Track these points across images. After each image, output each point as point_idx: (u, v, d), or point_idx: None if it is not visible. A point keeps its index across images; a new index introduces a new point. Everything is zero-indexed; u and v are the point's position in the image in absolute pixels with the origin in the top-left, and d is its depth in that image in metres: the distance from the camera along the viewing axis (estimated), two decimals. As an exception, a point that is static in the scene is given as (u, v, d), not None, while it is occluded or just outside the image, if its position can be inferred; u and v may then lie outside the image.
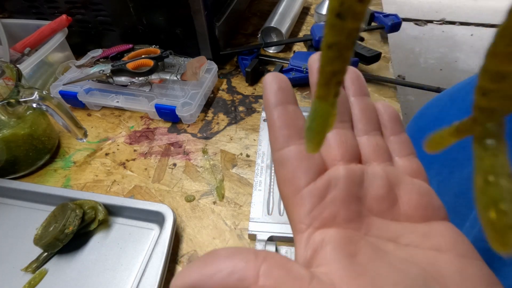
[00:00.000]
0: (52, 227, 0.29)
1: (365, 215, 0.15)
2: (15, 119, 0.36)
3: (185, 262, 0.31)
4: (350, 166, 0.16)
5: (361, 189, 0.15)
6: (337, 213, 0.14)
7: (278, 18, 0.55)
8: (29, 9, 0.52)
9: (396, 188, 0.16)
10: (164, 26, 0.48)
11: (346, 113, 0.18)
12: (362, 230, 0.14)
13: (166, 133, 0.43)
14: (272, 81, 0.16)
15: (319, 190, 0.15)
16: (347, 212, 0.14)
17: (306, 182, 0.15)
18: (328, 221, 0.14)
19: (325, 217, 0.14)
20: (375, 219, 0.15)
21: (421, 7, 2.10)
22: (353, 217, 0.14)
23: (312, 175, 0.15)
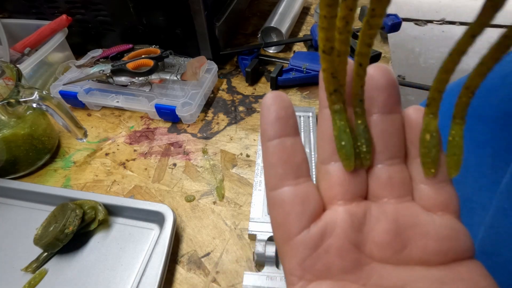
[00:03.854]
0: (52, 227, 0.29)
1: (364, 263, 0.13)
2: (15, 119, 0.36)
3: (185, 262, 0.31)
4: (351, 207, 0.14)
5: (360, 235, 0.14)
6: (331, 264, 0.13)
7: (278, 18, 0.55)
8: (29, 9, 0.52)
9: (408, 231, 0.14)
10: (164, 26, 0.48)
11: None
12: (361, 280, 0.13)
13: (166, 133, 0.43)
14: (271, 107, 0.14)
15: (313, 238, 0.13)
16: (343, 263, 0.13)
17: (299, 229, 0.14)
18: (322, 273, 0.13)
19: (318, 269, 0.13)
20: (377, 266, 0.13)
21: (421, 7, 2.10)
22: (350, 268, 0.13)
23: (306, 221, 0.14)
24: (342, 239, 0.13)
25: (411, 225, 0.14)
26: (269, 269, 0.28)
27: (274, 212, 0.14)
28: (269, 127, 0.14)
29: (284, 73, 0.48)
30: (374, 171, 0.15)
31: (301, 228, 0.14)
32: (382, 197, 0.14)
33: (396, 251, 0.13)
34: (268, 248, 0.29)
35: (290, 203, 0.14)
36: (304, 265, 0.13)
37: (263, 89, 0.49)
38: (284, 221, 0.14)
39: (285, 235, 0.14)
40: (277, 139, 0.14)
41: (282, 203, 0.14)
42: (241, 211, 0.34)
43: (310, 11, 0.66)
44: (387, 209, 0.14)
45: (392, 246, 0.13)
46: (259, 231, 0.31)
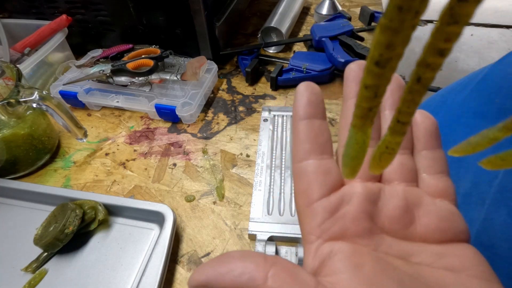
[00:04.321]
0: (52, 227, 0.29)
1: (376, 232, 0.15)
2: (15, 119, 0.36)
3: (185, 262, 0.31)
4: (367, 184, 0.16)
5: (375, 208, 0.15)
6: (347, 228, 0.15)
7: (278, 18, 0.55)
8: (29, 9, 0.52)
9: (414, 209, 0.15)
10: (164, 26, 0.48)
11: (374, 129, 0.17)
12: (371, 246, 0.14)
13: (166, 133, 0.43)
14: (304, 93, 0.17)
15: (332, 205, 0.15)
16: (357, 228, 0.15)
17: (320, 196, 0.15)
18: (338, 234, 0.14)
19: (334, 230, 0.15)
20: (386, 237, 0.15)
21: (421, 7, 2.09)
22: (363, 234, 0.15)
23: (327, 190, 0.15)
24: (357, 208, 0.15)
25: (417, 205, 0.15)
26: (269, 269, 0.28)
27: (298, 181, 0.16)
28: (301, 108, 0.16)
29: (284, 73, 0.48)
30: None
31: (322, 195, 0.15)
32: (393, 180, 0.16)
33: (404, 225, 0.15)
34: (268, 248, 0.29)
35: (313, 172, 0.15)
36: (322, 227, 0.15)
37: (263, 89, 0.49)
38: (306, 188, 0.15)
39: (307, 200, 0.15)
40: (307, 119, 0.16)
41: (306, 173, 0.16)
42: (241, 211, 0.34)
43: (310, 11, 0.66)
44: (398, 189, 0.16)
45: (401, 220, 0.15)
46: (259, 231, 0.31)
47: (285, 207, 0.32)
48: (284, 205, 0.33)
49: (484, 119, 0.28)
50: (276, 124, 0.41)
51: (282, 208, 0.32)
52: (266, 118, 0.42)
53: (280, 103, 0.46)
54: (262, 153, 0.38)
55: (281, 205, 0.33)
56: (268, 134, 0.40)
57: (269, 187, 0.34)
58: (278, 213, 0.32)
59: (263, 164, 0.36)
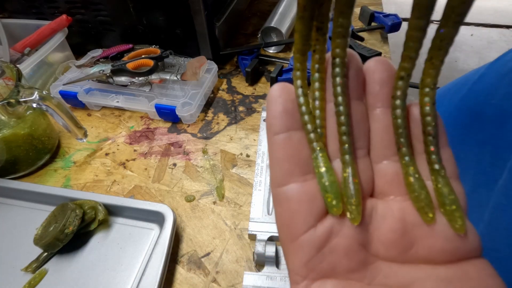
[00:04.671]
0: (52, 227, 0.29)
1: (369, 262, 0.13)
2: (15, 119, 0.36)
3: (185, 262, 0.31)
4: None
5: (367, 234, 0.13)
6: (337, 264, 0.13)
7: (278, 18, 0.55)
8: (29, 9, 0.52)
9: (414, 230, 0.13)
10: (164, 26, 0.48)
11: (359, 137, 0.14)
12: (366, 279, 0.13)
13: (166, 133, 0.43)
14: (278, 99, 0.14)
15: (319, 238, 0.13)
16: (350, 263, 0.13)
17: (305, 229, 0.13)
18: (327, 272, 0.13)
19: (323, 268, 0.13)
20: (382, 265, 0.13)
21: (421, 7, 2.09)
22: (356, 267, 0.13)
23: (313, 220, 0.13)
24: (350, 239, 0.13)
25: (417, 224, 0.13)
26: (269, 269, 0.28)
27: (280, 209, 0.14)
28: (276, 120, 0.14)
29: (284, 73, 0.48)
30: (380, 167, 0.14)
31: (308, 227, 0.13)
32: (388, 194, 0.14)
33: (402, 250, 0.13)
34: (268, 248, 0.29)
35: (296, 201, 0.13)
36: (309, 265, 0.13)
37: (263, 89, 0.49)
38: (290, 220, 0.13)
39: (291, 235, 0.13)
40: (284, 133, 0.14)
41: (288, 201, 0.13)
42: (241, 211, 0.34)
43: (310, 11, 0.66)
44: (394, 207, 0.14)
45: (398, 245, 0.13)
46: (259, 231, 0.31)
47: (285, 207, 0.32)
48: (284, 205, 0.33)
49: (480, 119, 0.28)
50: (276, 124, 0.41)
51: (282, 208, 0.32)
52: (267, 145, 0.42)
53: (280, 103, 0.46)
54: (262, 153, 0.38)
55: (281, 205, 0.33)
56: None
57: (269, 187, 0.34)
58: (278, 213, 0.32)
59: (263, 164, 0.36)
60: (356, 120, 0.14)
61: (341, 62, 0.14)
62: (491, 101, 0.27)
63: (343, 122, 0.14)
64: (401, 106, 0.14)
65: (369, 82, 0.14)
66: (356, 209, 0.13)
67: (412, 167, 0.14)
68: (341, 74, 0.14)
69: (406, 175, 0.14)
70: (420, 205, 0.13)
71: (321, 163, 0.14)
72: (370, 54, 0.46)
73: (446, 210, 0.13)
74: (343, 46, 0.14)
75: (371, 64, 0.15)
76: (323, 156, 0.14)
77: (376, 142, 0.14)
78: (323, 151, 0.14)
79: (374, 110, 0.14)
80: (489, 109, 0.27)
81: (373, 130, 0.15)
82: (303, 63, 0.15)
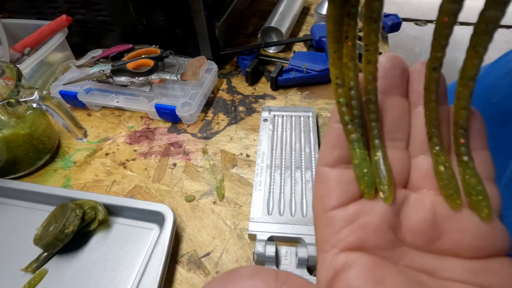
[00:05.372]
0: (52, 227, 0.29)
1: (397, 245, 0.14)
2: (15, 119, 0.36)
3: (185, 262, 0.31)
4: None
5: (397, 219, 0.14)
6: (366, 239, 0.13)
7: (278, 18, 0.55)
8: (29, 9, 0.52)
9: (443, 223, 0.14)
10: (164, 26, 0.48)
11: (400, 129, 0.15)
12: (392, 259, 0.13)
13: (166, 133, 0.43)
14: None
15: (350, 214, 0.14)
16: (378, 241, 0.13)
17: (337, 205, 0.14)
18: (356, 245, 0.13)
19: (352, 241, 0.13)
20: (408, 250, 0.14)
21: (421, 7, 2.10)
22: (384, 246, 0.13)
23: (346, 200, 0.14)
24: (380, 218, 0.14)
25: (448, 217, 0.14)
26: (269, 269, 0.28)
27: (319, 185, 0.15)
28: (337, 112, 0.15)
29: (284, 73, 0.48)
30: (416, 161, 0.15)
31: (340, 204, 0.14)
32: (421, 188, 0.15)
33: (430, 240, 0.14)
34: (268, 248, 0.29)
35: (335, 181, 0.15)
36: (338, 236, 0.14)
37: (263, 89, 0.49)
38: (325, 195, 0.15)
39: (324, 207, 0.14)
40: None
41: (329, 180, 0.15)
42: (241, 211, 0.34)
43: (310, 11, 0.66)
44: (426, 199, 0.14)
45: (426, 234, 0.14)
46: (259, 231, 0.31)
47: (285, 207, 0.32)
48: (284, 205, 0.33)
49: None
50: (276, 124, 0.41)
51: (282, 208, 0.32)
52: (266, 118, 0.42)
53: (280, 103, 0.46)
54: (262, 153, 0.38)
55: (281, 205, 0.33)
56: (268, 134, 0.40)
57: (269, 187, 0.34)
58: (278, 213, 0.32)
59: (263, 164, 0.36)
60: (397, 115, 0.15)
61: (374, 49, 0.14)
62: (492, 100, 0.27)
63: (372, 109, 0.15)
64: (434, 99, 0.14)
65: (413, 82, 0.15)
66: (388, 188, 0.14)
67: (443, 157, 0.14)
68: (373, 61, 0.14)
69: (436, 164, 0.14)
70: (449, 192, 0.14)
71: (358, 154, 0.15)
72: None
73: (472, 200, 0.13)
74: (376, 32, 0.14)
75: (417, 65, 0.16)
76: (359, 147, 0.15)
77: (415, 137, 0.15)
78: (360, 142, 0.15)
79: (416, 107, 0.15)
80: (490, 109, 0.27)
81: (414, 126, 0.15)
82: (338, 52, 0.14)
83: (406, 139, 0.15)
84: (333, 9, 0.13)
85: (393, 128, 0.15)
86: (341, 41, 0.14)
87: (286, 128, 0.40)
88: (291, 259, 0.29)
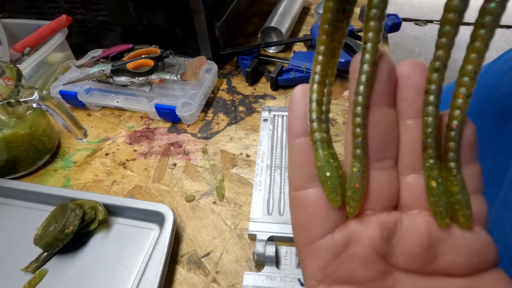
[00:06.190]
0: (52, 227, 0.29)
1: (389, 272, 0.13)
2: (15, 119, 0.36)
3: (185, 262, 0.31)
4: (381, 217, 0.13)
5: (389, 245, 0.13)
6: (355, 272, 0.13)
7: (278, 18, 0.55)
8: (29, 9, 0.52)
9: (438, 245, 0.13)
10: (164, 26, 0.48)
11: (388, 146, 0.14)
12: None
13: (166, 133, 0.43)
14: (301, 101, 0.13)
15: (336, 245, 0.13)
16: (368, 272, 0.13)
17: (323, 234, 0.13)
18: (344, 279, 0.13)
19: (340, 275, 0.13)
20: (401, 275, 0.13)
21: (421, 7, 2.10)
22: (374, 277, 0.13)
23: (331, 226, 0.13)
24: (369, 248, 0.13)
25: (442, 239, 0.13)
26: (269, 269, 0.28)
27: (297, 213, 0.14)
28: (297, 122, 0.13)
29: (284, 73, 0.48)
30: (407, 180, 0.14)
31: (325, 232, 0.13)
32: (413, 208, 0.14)
33: (424, 264, 0.13)
34: (268, 248, 0.29)
35: (315, 206, 0.13)
36: (325, 270, 0.13)
37: (263, 89, 0.49)
38: (307, 224, 0.13)
39: (307, 238, 0.13)
40: (306, 136, 0.13)
41: (306, 205, 0.13)
42: (241, 211, 0.34)
43: (310, 11, 0.66)
44: (419, 221, 0.13)
45: (421, 259, 0.13)
46: (259, 231, 0.31)
47: (285, 207, 0.32)
48: (284, 205, 0.33)
49: (480, 118, 0.28)
50: (276, 124, 0.41)
51: (282, 208, 0.32)
52: (266, 118, 0.42)
53: (280, 103, 0.46)
54: (262, 153, 0.38)
55: (281, 205, 0.33)
56: (268, 134, 0.40)
57: (269, 187, 0.34)
58: (278, 213, 0.32)
59: (263, 164, 0.36)
60: (386, 129, 0.13)
61: (372, 48, 0.13)
62: (491, 99, 0.27)
63: (359, 113, 0.13)
64: (434, 102, 0.13)
65: (402, 88, 0.13)
66: (354, 204, 0.13)
67: (436, 171, 0.13)
68: (370, 62, 0.13)
69: (428, 178, 0.13)
70: (438, 209, 0.13)
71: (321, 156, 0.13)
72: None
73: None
74: (378, 31, 0.13)
75: (405, 67, 0.13)
76: (322, 147, 0.13)
77: (406, 153, 0.13)
78: (323, 143, 0.13)
79: (406, 119, 0.13)
80: (490, 108, 0.27)
81: (404, 141, 0.13)
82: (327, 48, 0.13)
83: (394, 156, 0.14)
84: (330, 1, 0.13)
85: (381, 146, 0.13)
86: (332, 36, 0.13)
87: (286, 128, 0.40)
88: (291, 259, 0.29)
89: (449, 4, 0.12)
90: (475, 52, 0.12)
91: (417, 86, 0.13)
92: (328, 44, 0.13)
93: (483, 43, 0.12)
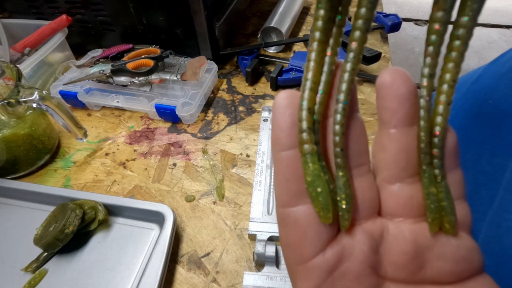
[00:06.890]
0: (52, 227, 0.29)
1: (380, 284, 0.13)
2: (15, 119, 0.36)
3: (185, 262, 0.31)
4: (366, 226, 0.13)
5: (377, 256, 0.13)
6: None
7: (278, 18, 0.55)
8: (29, 9, 0.52)
9: (425, 253, 0.13)
10: (164, 26, 0.48)
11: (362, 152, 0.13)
12: None
13: (166, 133, 0.43)
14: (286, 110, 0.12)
15: (329, 263, 0.12)
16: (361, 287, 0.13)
17: (314, 253, 0.12)
18: None
19: None
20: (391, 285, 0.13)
21: (421, 7, 2.10)
22: None
23: (322, 244, 0.13)
24: (361, 263, 0.13)
25: (428, 247, 0.13)
26: (269, 269, 0.28)
27: (286, 231, 0.13)
28: (283, 134, 0.12)
29: (284, 73, 0.48)
30: (392, 189, 0.13)
31: (317, 251, 0.13)
32: (398, 216, 0.13)
33: (412, 273, 0.13)
34: (268, 248, 0.29)
35: (305, 223, 0.13)
36: None
37: (263, 89, 0.49)
38: (297, 243, 0.13)
39: (299, 258, 0.13)
40: (293, 149, 0.12)
41: (296, 224, 0.13)
42: (241, 211, 0.34)
43: (310, 11, 0.66)
44: (405, 228, 0.13)
45: (408, 267, 0.13)
46: (259, 231, 0.31)
47: (285, 207, 0.32)
48: (284, 205, 0.33)
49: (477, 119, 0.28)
50: (276, 124, 0.41)
51: (282, 208, 0.32)
52: (266, 118, 0.42)
53: (280, 103, 0.46)
54: (262, 153, 0.38)
55: (281, 205, 0.33)
56: (268, 134, 0.40)
57: (269, 187, 0.34)
58: (278, 213, 0.32)
59: (263, 164, 0.36)
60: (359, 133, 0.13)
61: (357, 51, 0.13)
62: (489, 101, 0.27)
63: (339, 121, 0.13)
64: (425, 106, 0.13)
65: (384, 97, 0.13)
66: (351, 215, 0.13)
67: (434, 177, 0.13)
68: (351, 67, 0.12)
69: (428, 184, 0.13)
70: (435, 216, 0.13)
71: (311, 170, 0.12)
72: (370, 54, 0.46)
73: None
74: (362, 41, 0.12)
75: (386, 76, 0.12)
76: (312, 161, 0.12)
77: (391, 162, 0.13)
78: (313, 155, 0.12)
79: (389, 128, 0.13)
80: (487, 109, 0.27)
81: (388, 150, 0.13)
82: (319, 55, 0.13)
83: (368, 162, 0.14)
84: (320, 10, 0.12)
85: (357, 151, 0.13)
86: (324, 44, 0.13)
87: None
88: (291, 259, 0.29)
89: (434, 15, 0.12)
90: (452, 61, 0.12)
91: (399, 95, 0.12)
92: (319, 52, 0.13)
93: (459, 53, 0.12)
